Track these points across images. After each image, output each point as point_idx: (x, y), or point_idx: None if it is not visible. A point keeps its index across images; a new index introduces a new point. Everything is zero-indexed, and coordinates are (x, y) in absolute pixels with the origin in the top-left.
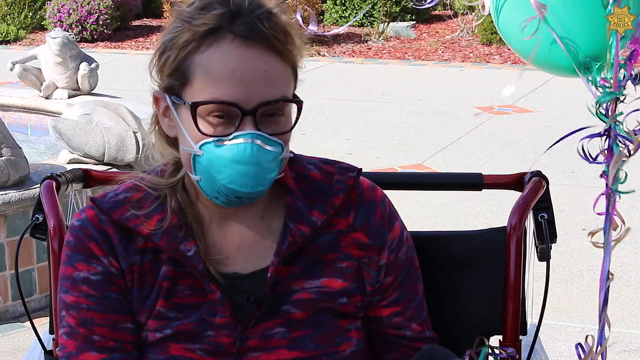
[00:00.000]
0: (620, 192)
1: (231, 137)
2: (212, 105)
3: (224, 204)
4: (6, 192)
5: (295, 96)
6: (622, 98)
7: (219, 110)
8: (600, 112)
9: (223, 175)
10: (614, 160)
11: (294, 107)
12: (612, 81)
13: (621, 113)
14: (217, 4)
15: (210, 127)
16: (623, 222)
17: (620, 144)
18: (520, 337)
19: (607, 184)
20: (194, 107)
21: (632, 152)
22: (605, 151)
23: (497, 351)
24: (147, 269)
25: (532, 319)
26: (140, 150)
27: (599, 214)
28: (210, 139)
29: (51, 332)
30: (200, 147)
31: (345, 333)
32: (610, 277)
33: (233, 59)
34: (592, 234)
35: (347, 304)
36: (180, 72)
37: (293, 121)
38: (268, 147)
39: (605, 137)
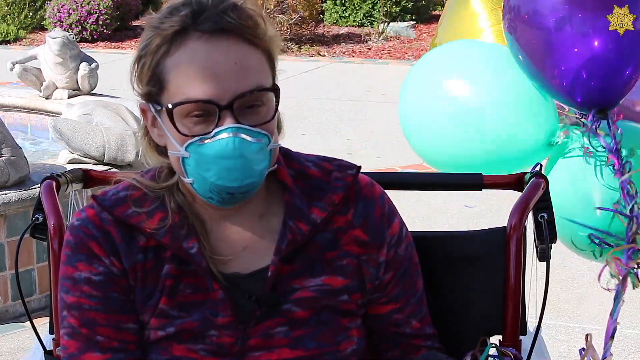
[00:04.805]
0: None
1: (212, 134)
2: (189, 105)
3: (220, 204)
4: (6, 192)
5: (274, 84)
6: None
7: (196, 109)
8: None
9: (211, 173)
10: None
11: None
12: None
13: None
14: (182, 5)
15: (191, 127)
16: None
17: None
18: (520, 337)
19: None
20: (170, 110)
21: None
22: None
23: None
24: (150, 268)
25: (531, 319)
26: (140, 151)
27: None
28: (193, 139)
29: (51, 332)
30: (186, 149)
31: (346, 332)
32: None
33: (201, 56)
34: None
35: (348, 301)
36: (156, 78)
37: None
38: (250, 139)
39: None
